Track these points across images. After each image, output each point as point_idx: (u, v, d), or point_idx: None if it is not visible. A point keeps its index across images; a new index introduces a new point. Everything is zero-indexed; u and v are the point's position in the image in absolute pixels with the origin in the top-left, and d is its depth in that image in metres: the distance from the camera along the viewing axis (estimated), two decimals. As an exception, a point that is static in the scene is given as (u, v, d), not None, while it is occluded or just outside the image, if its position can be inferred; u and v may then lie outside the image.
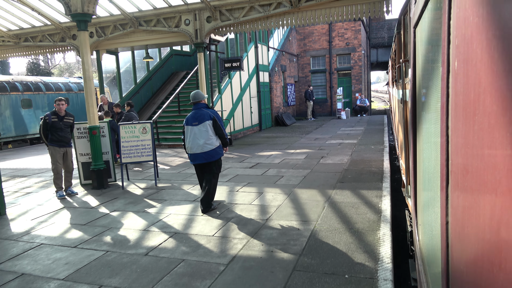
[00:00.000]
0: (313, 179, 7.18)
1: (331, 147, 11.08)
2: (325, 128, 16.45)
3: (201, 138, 5.52)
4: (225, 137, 5.80)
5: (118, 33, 12.36)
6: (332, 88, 23.43)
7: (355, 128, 15.96)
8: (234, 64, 12.68)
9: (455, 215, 1.03)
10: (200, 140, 5.53)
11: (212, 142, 5.55)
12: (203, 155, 5.57)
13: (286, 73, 21.33)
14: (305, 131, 15.89)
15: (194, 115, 5.63)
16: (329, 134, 14.12)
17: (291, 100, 22.36)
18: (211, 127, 5.57)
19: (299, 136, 14.24)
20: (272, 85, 18.64)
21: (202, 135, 5.52)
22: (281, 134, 15.26)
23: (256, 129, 16.57)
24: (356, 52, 22.81)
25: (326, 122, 19.68)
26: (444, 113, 1.13)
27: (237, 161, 9.60)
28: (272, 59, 18.91)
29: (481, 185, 0.76)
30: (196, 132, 5.56)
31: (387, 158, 9.00)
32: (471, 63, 0.82)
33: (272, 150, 11.09)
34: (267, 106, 18.01)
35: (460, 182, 0.95)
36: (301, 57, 23.96)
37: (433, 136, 1.57)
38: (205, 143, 5.52)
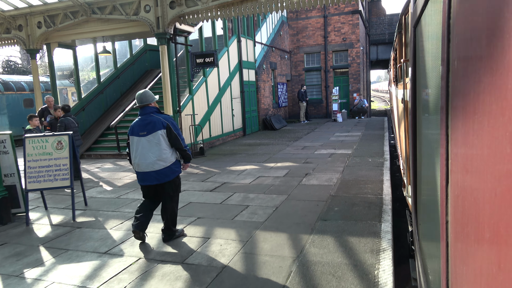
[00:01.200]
0: (287, 214, 5.23)
1: (320, 159, 9.13)
2: (317, 133, 14.49)
3: (151, 152, 4.25)
4: (185, 150, 4.46)
5: (68, 22, 10.43)
6: (327, 87, 21.47)
7: (351, 133, 14.01)
8: (207, 59, 10.73)
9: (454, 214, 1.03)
10: (151, 155, 4.24)
11: (166, 158, 4.29)
12: (154, 174, 4.28)
13: (276, 71, 19.38)
14: (294, 136, 13.94)
15: (142, 122, 4.33)
16: (320, 141, 12.17)
17: (282, 101, 20.40)
18: (165, 138, 4.30)
19: (286, 143, 12.29)
20: (260, 85, 16.68)
21: (152, 148, 4.25)
22: (266, 140, 13.31)
23: (239, 134, 14.62)
24: (354, 49, 20.85)
25: (320, 125, 17.72)
26: (444, 112, 1.14)
27: (199, 180, 7.65)
28: (259, 55, 16.96)
29: (481, 184, 0.76)
30: (144, 144, 4.27)
31: (388, 177, 7.04)
32: (471, 62, 0.83)
33: (248, 163, 9.13)
34: (253, 108, 16.06)
35: (460, 181, 0.96)
36: (294, 54, 22.00)
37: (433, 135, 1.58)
38: (158, 160, 4.25)
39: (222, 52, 13.26)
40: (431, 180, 1.69)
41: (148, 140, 4.28)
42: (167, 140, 4.32)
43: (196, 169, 8.83)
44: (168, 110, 9.82)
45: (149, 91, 4.57)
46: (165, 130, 4.30)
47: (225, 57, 13.37)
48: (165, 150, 4.29)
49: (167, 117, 4.41)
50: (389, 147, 10.89)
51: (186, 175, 8.19)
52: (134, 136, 4.36)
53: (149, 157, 4.25)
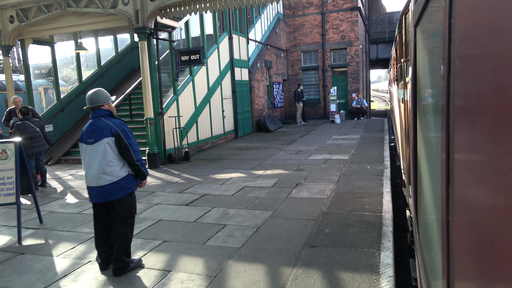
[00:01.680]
0: (269, 237, 4.42)
1: (314, 166, 8.32)
2: (314, 136, 13.67)
3: (96, 164, 3.53)
4: (137, 164, 3.63)
5: (42, 16, 9.62)
6: (325, 87, 20.65)
7: (349, 136, 13.19)
8: (193, 57, 9.92)
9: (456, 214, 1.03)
10: (95, 167, 3.53)
11: (113, 171, 3.53)
12: (99, 190, 3.54)
13: (272, 70, 18.56)
14: (289, 139, 13.12)
15: (90, 127, 3.63)
16: (315, 145, 11.35)
17: (278, 101, 19.58)
18: (113, 148, 3.55)
19: (279, 147, 11.48)
20: (253, 84, 15.87)
21: (97, 159, 3.53)
22: (258, 143, 12.49)
23: (230, 137, 13.80)
24: (352, 47, 20.03)
25: (317, 127, 16.90)
26: (445, 111, 1.13)
27: (177, 190, 6.84)
28: (253, 53, 16.14)
29: (483, 184, 0.76)
30: (91, 154, 3.58)
31: (388, 188, 6.24)
32: (472, 61, 0.82)
33: (235, 170, 8.32)
34: (246, 109, 15.24)
35: (461, 180, 0.96)
36: (290, 52, 21.18)
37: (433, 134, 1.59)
38: (102, 173, 3.51)
39: (211, 49, 12.45)
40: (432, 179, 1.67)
41: (95, 149, 3.53)
42: (115, 150, 3.54)
43: (177, 177, 8.02)
44: (148, 112, 9.01)
45: (102, 90, 3.78)
46: (113, 138, 3.52)
47: (215, 55, 12.56)
48: (111, 162, 3.50)
49: (118, 123, 3.61)
50: (390, 151, 10.09)
51: (164, 184, 7.38)
52: (83, 144, 3.67)
53: (94, 169, 3.51)
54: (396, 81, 6.76)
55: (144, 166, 3.72)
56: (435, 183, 1.48)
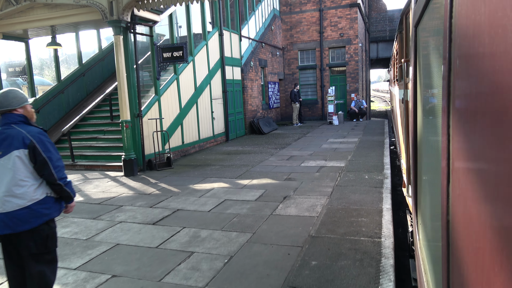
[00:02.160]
0: (241, 271, 3.59)
1: (306, 175, 7.49)
2: (309, 139, 12.84)
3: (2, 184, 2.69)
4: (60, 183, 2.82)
5: (11, 8, 8.79)
6: (323, 87, 19.82)
7: (347, 139, 12.35)
8: (176, 53, 9.09)
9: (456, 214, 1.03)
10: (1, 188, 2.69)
11: (24, 193, 2.70)
12: (4, 218, 2.66)
13: (267, 69, 17.73)
14: (283, 142, 12.29)
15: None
16: (310, 149, 10.52)
17: (273, 101, 18.74)
18: (26, 163, 2.73)
19: (271, 151, 10.65)
20: (246, 84, 15.04)
21: (5, 177, 2.69)
22: (249, 147, 11.66)
23: (220, 140, 12.97)
24: (351, 45, 19.19)
25: (313, 129, 16.07)
26: (446, 111, 1.13)
27: (148, 204, 6.02)
28: (246, 51, 15.31)
29: (483, 183, 0.76)
30: None
31: (389, 204, 5.41)
32: (473, 62, 0.82)
33: (219, 179, 7.50)
34: (238, 110, 14.41)
35: (462, 180, 0.95)
36: (287, 50, 20.35)
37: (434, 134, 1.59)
38: (8, 196, 2.67)
39: (199, 46, 11.62)
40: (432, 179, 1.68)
41: (2, 165, 2.70)
42: (29, 165, 2.71)
43: (153, 186, 7.19)
44: (124, 114, 8.18)
45: (16, 90, 2.94)
46: (26, 150, 2.68)
47: (203, 52, 11.72)
48: (23, 182, 2.67)
49: (35, 131, 2.77)
50: (390, 156, 9.27)
51: (135, 196, 6.56)
52: None
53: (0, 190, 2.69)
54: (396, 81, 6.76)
55: (69, 186, 2.88)
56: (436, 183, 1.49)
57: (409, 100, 3.28)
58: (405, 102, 4.06)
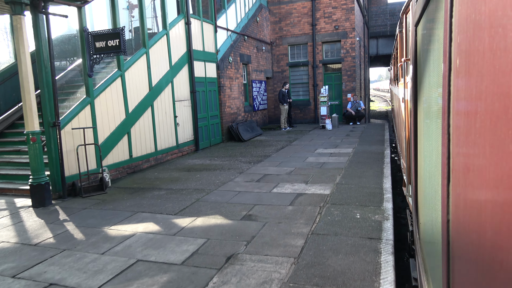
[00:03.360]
0: None
1: (275, 209, 5.34)
2: (294, 148, 10.68)
3: None
4: None
5: None
6: (316, 86, 17.66)
7: (340, 149, 10.19)
8: (111, 42, 6.95)
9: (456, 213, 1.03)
10: None
11: None
12: None
13: (251, 66, 15.56)
14: (261, 154, 10.13)
15: None
16: (291, 165, 8.36)
17: (259, 102, 16.57)
18: None
19: (242, 167, 8.49)
20: (223, 82, 12.88)
21: None
22: (218, 160, 9.49)
23: (188, 150, 10.81)
24: (348, 39, 17.02)
25: (303, 134, 13.91)
26: (446, 110, 1.13)
27: (13, 269, 3.86)
28: (224, 45, 13.14)
29: (483, 183, 0.76)
30: None
31: (392, 276, 3.25)
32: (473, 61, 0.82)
33: (150, 216, 5.35)
34: (213, 113, 12.24)
35: (462, 180, 0.96)
36: (276, 45, 18.18)
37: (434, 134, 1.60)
38: None
39: (157, 36, 9.46)
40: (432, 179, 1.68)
41: None
42: None
43: (55, 228, 5.04)
44: (30, 124, 6.03)
45: None
46: None
47: (162, 44, 9.56)
48: None
49: None
50: (393, 175, 7.13)
51: (15, 248, 4.40)
52: None
53: None
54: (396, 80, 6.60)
55: None
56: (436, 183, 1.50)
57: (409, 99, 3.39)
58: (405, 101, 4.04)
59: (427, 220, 1.95)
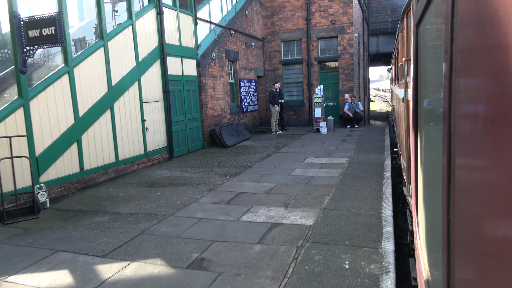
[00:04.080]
0: None
1: (237, 249, 4.00)
2: (281, 157, 9.33)
3: None
4: None
5: None
6: (311, 86, 16.31)
7: (333, 158, 8.85)
8: (46, 30, 5.61)
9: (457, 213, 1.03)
10: None
11: None
12: None
13: (238, 63, 14.22)
14: (241, 164, 8.79)
15: None
16: (272, 180, 7.02)
17: (248, 103, 15.22)
18: None
19: (214, 182, 7.16)
20: (205, 81, 11.54)
21: None
22: (190, 172, 8.14)
23: (159, 158, 9.47)
24: (345, 34, 15.67)
25: (294, 139, 12.56)
26: (447, 110, 1.13)
27: None
28: (206, 39, 11.80)
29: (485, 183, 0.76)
30: None
31: None
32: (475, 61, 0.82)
33: (71, 258, 4.01)
34: (192, 116, 10.91)
35: (463, 180, 0.95)
36: (268, 41, 16.83)
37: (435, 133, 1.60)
38: None
39: (120, 27, 8.13)
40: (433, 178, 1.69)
41: None
42: None
43: None
44: None
45: None
46: None
47: (126, 36, 8.22)
48: None
49: None
50: (394, 190, 5.79)
51: None
52: None
53: None
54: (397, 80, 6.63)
55: None
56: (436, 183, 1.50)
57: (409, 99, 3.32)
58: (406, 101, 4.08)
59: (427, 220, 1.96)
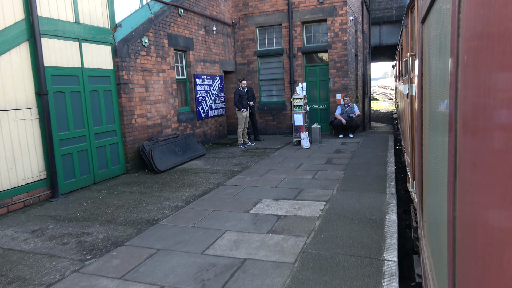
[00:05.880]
0: None
1: None
2: (220, 199, 5.80)
3: None
4: None
5: None
6: (293, 84, 12.76)
7: (302, 201, 5.30)
8: None
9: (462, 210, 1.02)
10: None
11: None
12: None
13: (193, 54, 10.70)
14: (139, 219, 5.25)
15: None
16: (162, 272, 3.52)
17: (209, 107, 11.67)
18: None
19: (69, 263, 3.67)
20: (129, 77, 8.05)
21: None
22: (29, 244, 4.65)
23: (32, 198, 5.97)
24: (337, 17, 12.10)
25: (262, 158, 9.04)
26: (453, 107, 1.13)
27: None
28: (132, 17, 8.32)
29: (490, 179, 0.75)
30: None
31: None
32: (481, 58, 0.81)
33: None
34: (102, 129, 7.42)
35: (469, 176, 0.95)
36: (240, 27, 13.28)
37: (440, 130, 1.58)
38: None
39: None
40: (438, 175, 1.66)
41: None
42: None
43: None
44: None
45: None
46: None
47: None
48: None
49: None
50: None
51: None
52: None
53: None
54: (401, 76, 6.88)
55: None
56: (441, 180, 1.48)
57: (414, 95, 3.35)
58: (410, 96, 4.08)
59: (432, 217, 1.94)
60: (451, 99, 1.14)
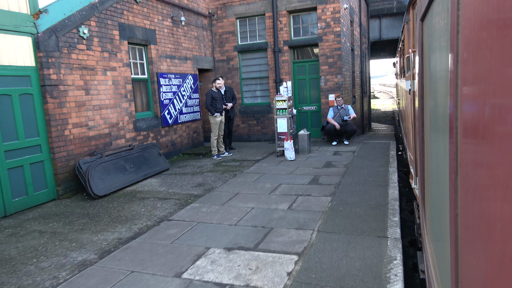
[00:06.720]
0: None
1: None
2: (152, 246, 4.09)
3: None
4: None
5: None
6: (279, 83, 11.03)
7: (265, 253, 3.60)
8: None
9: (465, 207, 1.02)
10: None
11: None
12: None
13: (155, 49, 8.98)
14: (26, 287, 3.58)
15: None
16: None
17: (179, 111, 9.93)
18: None
19: None
20: (60, 77, 6.35)
21: None
22: None
23: None
24: (328, 5, 10.37)
25: (233, 176, 7.33)
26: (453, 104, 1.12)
27: None
28: (66, 1, 6.63)
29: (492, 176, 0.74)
30: None
31: None
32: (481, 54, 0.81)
33: None
34: (18, 144, 5.72)
35: (470, 173, 0.94)
36: (218, 18, 11.56)
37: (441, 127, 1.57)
38: None
39: None
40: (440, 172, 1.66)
41: None
42: None
43: None
44: None
45: None
46: None
47: None
48: None
49: None
50: None
51: None
52: None
53: None
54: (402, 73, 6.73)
55: None
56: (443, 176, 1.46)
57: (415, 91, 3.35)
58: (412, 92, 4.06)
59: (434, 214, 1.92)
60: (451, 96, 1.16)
